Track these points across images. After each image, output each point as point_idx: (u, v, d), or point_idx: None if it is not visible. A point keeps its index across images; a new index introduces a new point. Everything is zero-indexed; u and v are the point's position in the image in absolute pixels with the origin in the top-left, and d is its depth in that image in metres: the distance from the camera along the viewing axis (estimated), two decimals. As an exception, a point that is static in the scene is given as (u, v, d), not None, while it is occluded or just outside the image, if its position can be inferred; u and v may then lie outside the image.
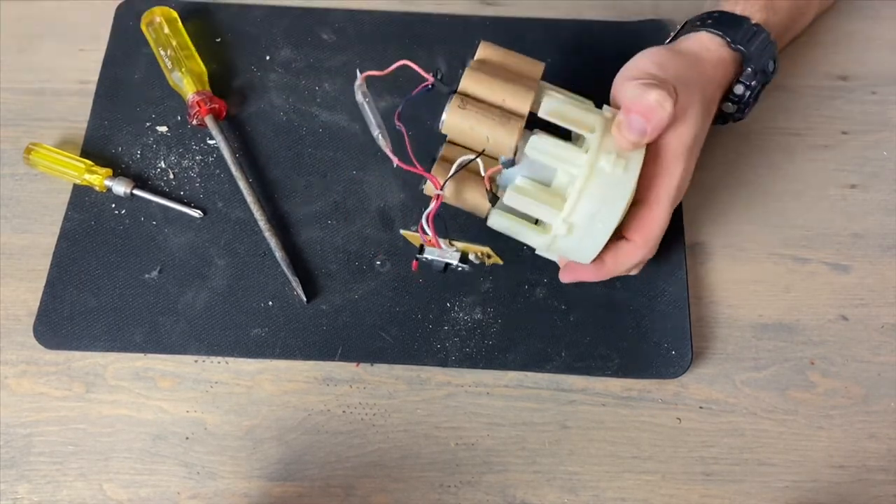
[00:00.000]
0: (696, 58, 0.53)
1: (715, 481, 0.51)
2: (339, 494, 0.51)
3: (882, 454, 0.52)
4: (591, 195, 0.46)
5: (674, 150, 0.49)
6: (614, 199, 0.47)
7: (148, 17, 0.64)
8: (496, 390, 0.54)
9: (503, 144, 0.47)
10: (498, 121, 0.47)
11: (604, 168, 0.46)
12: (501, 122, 0.47)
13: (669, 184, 0.49)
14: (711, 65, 0.53)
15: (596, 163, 0.46)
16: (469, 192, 0.49)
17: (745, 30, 0.53)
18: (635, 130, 0.46)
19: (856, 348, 0.55)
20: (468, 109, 0.47)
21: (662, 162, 0.49)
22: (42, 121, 0.62)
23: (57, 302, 0.55)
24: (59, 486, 0.50)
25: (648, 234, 0.50)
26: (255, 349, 0.54)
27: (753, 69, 0.54)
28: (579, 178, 0.46)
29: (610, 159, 0.46)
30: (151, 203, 0.58)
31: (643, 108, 0.46)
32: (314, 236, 0.57)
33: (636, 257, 0.51)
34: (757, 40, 0.53)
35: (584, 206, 0.47)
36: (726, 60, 0.53)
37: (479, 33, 0.65)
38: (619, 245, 0.51)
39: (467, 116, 0.47)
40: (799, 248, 0.58)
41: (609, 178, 0.46)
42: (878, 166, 0.61)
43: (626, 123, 0.46)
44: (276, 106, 0.62)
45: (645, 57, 0.52)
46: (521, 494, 0.51)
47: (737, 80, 0.54)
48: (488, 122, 0.47)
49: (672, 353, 0.54)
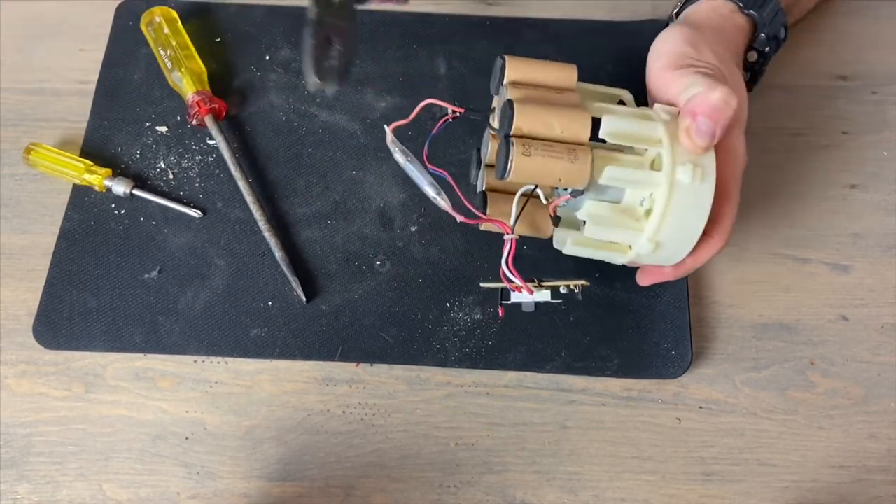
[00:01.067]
0: (718, 28, 0.51)
1: (715, 481, 0.51)
2: (338, 494, 0.51)
3: (882, 454, 0.52)
4: (676, 211, 0.45)
5: (734, 138, 0.47)
6: (697, 209, 0.45)
7: (148, 17, 0.64)
8: (496, 390, 0.54)
9: (576, 180, 0.45)
10: (567, 158, 0.44)
11: (683, 181, 0.44)
12: (570, 158, 0.44)
13: (735, 171, 0.48)
14: (732, 32, 0.52)
15: (674, 177, 0.44)
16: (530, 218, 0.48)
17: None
18: (705, 135, 0.44)
19: (856, 348, 0.55)
20: (534, 155, 0.44)
21: (725, 151, 0.47)
22: (42, 121, 0.62)
23: (57, 302, 0.55)
24: (58, 487, 0.50)
25: (724, 228, 0.48)
26: (254, 349, 0.54)
27: (766, 35, 0.52)
28: (660, 195, 0.45)
29: (688, 171, 0.44)
30: (151, 203, 0.58)
31: (710, 109, 0.44)
32: (314, 236, 0.57)
33: (715, 250, 0.49)
34: (768, 6, 0.52)
35: (670, 222, 0.45)
36: (742, 26, 0.52)
37: (479, 33, 0.66)
38: (698, 243, 0.48)
39: (534, 162, 0.44)
40: (799, 248, 0.58)
41: (690, 190, 0.45)
42: (878, 166, 0.61)
43: (695, 129, 0.44)
44: (275, 106, 0.62)
45: (673, 39, 0.50)
46: (521, 494, 0.51)
47: (750, 47, 0.53)
48: (557, 164, 0.44)
49: (672, 353, 0.54)
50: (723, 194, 0.48)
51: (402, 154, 0.48)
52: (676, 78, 0.47)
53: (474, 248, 0.57)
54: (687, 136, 0.45)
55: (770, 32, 0.53)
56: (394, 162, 0.60)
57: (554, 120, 0.45)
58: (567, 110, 0.45)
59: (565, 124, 0.45)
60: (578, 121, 0.45)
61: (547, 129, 0.45)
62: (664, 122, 0.46)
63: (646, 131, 0.46)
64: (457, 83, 0.63)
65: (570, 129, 0.45)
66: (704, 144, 0.45)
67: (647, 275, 0.52)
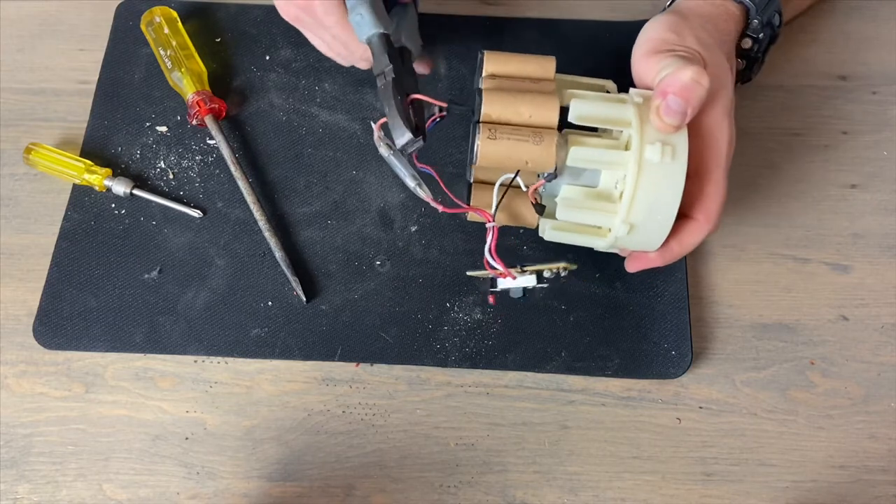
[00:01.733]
0: (706, 16, 0.51)
1: (715, 481, 0.51)
2: (338, 495, 0.51)
3: (882, 454, 0.52)
4: (646, 190, 0.45)
5: (715, 118, 0.47)
6: (669, 188, 0.45)
7: (148, 16, 0.64)
8: (496, 390, 0.53)
9: (543, 163, 0.46)
10: (532, 141, 0.45)
11: (652, 160, 0.45)
12: (535, 141, 0.45)
13: (718, 154, 0.48)
14: (722, 19, 0.51)
15: (642, 156, 0.45)
16: (515, 208, 0.48)
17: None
18: (676, 113, 0.44)
19: (856, 348, 0.55)
20: (499, 139, 0.45)
21: (706, 134, 0.47)
22: (42, 121, 0.62)
23: (57, 302, 0.55)
24: (58, 487, 0.50)
25: (710, 211, 0.48)
26: (254, 349, 0.54)
27: (760, 21, 0.52)
28: (629, 175, 0.45)
29: (656, 150, 0.44)
30: (151, 203, 0.58)
31: (679, 87, 0.44)
32: (314, 236, 0.57)
33: (701, 234, 0.49)
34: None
35: (641, 202, 0.45)
36: (733, 13, 0.52)
37: (479, 33, 0.66)
38: (683, 225, 0.49)
39: (500, 145, 0.45)
40: (799, 248, 0.58)
41: (659, 169, 0.45)
42: (878, 166, 0.61)
43: (664, 107, 0.44)
44: (275, 106, 0.62)
45: (657, 26, 0.50)
46: (521, 494, 0.51)
47: (744, 34, 0.53)
48: (523, 146, 0.45)
49: (672, 353, 0.54)
50: (704, 175, 0.48)
51: (387, 147, 0.48)
52: (654, 62, 0.47)
53: (474, 248, 0.57)
54: (657, 116, 0.45)
55: (764, 18, 0.52)
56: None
57: (523, 107, 0.46)
58: (537, 97, 0.46)
59: (534, 110, 0.46)
60: (546, 106, 0.46)
61: (516, 116, 0.46)
62: (636, 104, 0.47)
63: (615, 113, 0.46)
64: (457, 83, 0.63)
65: (538, 115, 0.46)
66: (675, 123, 0.45)
67: (634, 260, 0.52)
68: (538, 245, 0.56)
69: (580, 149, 0.46)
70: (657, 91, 0.45)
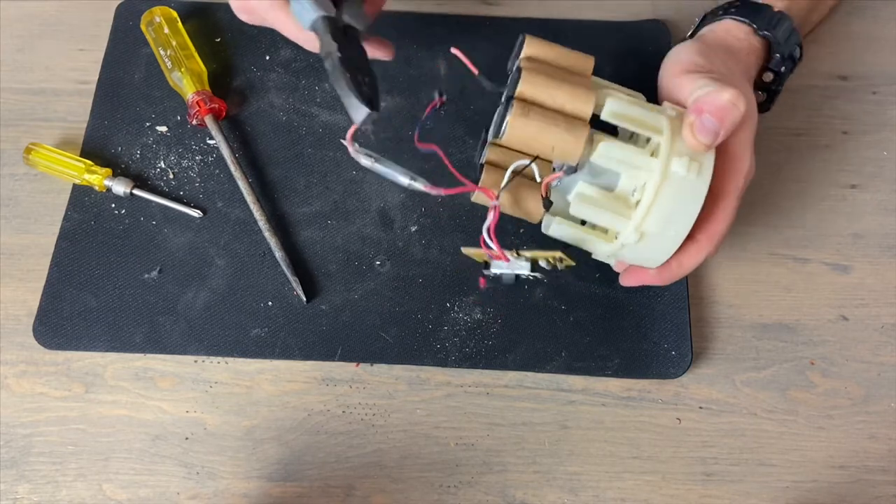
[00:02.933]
0: (730, 47, 0.51)
1: (715, 481, 0.51)
2: (338, 495, 0.51)
3: (882, 454, 0.52)
4: (665, 201, 0.44)
5: (740, 144, 0.47)
6: (688, 204, 0.45)
7: (148, 16, 0.64)
8: (496, 390, 0.53)
9: (569, 153, 0.45)
10: (564, 128, 0.44)
11: (677, 172, 0.44)
12: (567, 128, 0.44)
13: (737, 180, 0.47)
14: (745, 53, 0.52)
15: (669, 167, 0.44)
16: (522, 197, 0.47)
17: (770, 16, 0.53)
18: (709, 132, 0.44)
19: (856, 348, 0.55)
20: (531, 118, 0.44)
21: (730, 158, 0.47)
22: (42, 121, 0.62)
23: (57, 302, 0.55)
24: (58, 487, 0.50)
25: (714, 233, 0.48)
26: (254, 349, 0.54)
27: (782, 55, 0.53)
28: (651, 183, 0.44)
29: (683, 163, 0.44)
30: (151, 203, 0.58)
31: (716, 108, 0.44)
32: (314, 236, 0.57)
33: (701, 257, 0.49)
34: (782, 26, 0.53)
35: (658, 213, 0.44)
36: (755, 48, 0.53)
37: (479, 33, 0.66)
38: (686, 246, 0.48)
39: (530, 125, 0.44)
40: (799, 248, 0.58)
41: (683, 183, 0.44)
42: (878, 166, 0.61)
43: (698, 125, 0.44)
44: (275, 106, 0.62)
45: (685, 50, 0.50)
46: (521, 495, 0.51)
47: (765, 68, 0.54)
48: (553, 131, 0.44)
49: (672, 353, 0.54)
50: (719, 198, 0.47)
51: (368, 158, 0.47)
52: (687, 81, 0.47)
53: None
54: (690, 132, 0.45)
55: (785, 52, 0.53)
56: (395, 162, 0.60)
57: (559, 93, 0.45)
58: (574, 87, 0.45)
59: (569, 99, 0.45)
60: (583, 97, 0.45)
61: (551, 100, 0.45)
62: (669, 116, 0.46)
63: (649, 118, 0.45)
64: (457, 83, 0.63)
65: (573, 104, 0.45)
66: (707, 142, 0.44)
67: (631, 275, 0.52)
68: (538, 245, 0.56)
69: (610, 145, 0.45)
70: (692, 108, 0.45)
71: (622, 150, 0.45)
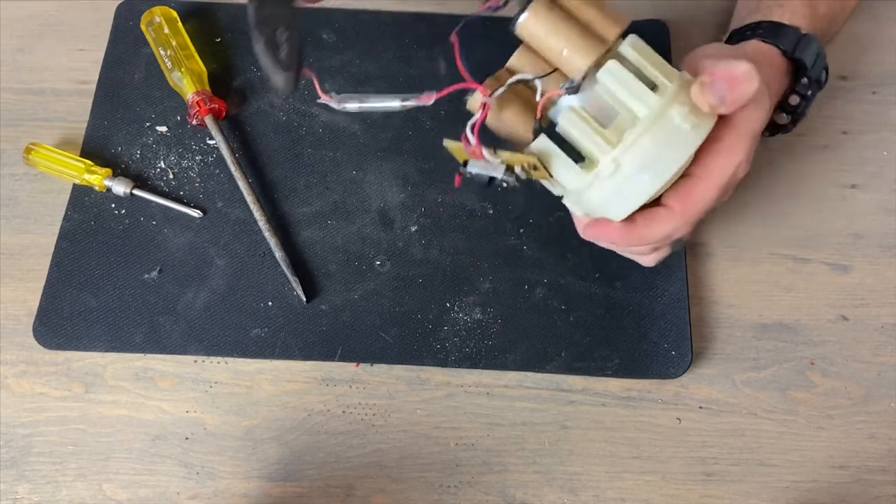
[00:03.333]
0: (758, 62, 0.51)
1: (715, 481, 0.51)
2: (338, 495, 0.51)
3: (882, 454, 0.52)
4: (652, 140, 0.43)
5: (741, 130, 0.47)
6: (673, 153, 0.44)
7: (148, 16, 0.64)
8: (496, 390, 0.53)
9: (577, 63, 0.43)
10: (580, 34, 0.43)
11: (673, 117, 0.43)
12: (583, 36, 0.43)
13: (727, 163, 0.47)
14: (772, 74, 0.52)
15: (666, 109, 0.43)
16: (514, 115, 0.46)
17: (797, 39, 0.53)
18: (717, 95, 0.44)
19: (856, 348, 0.55)
20: (553, 11, 0.42)
21: (726, 140, 0.46)
22: (42, 121, 0.62)
23: (57, 302, 0.55)
24: (58, 487, 0.50)
25: (689, 206, 0.46)
26: (254, 349, 0.54)
27: (809, 78, 0.53)
28: (644, 119, 0.43)
29: (682, 111, 0.43)
30: (151, 203, 0.58)
31: (730, 75, 0.44)
32: (314, 236, 0.57)
33: (670, 226, 0.47)
34: (810, 49, 0.53)
35: (640, 150, 0.43)
36: (782, 70, 0.53)
37: (479, 33, 0.65)
38: (658, 211, 0.47)
39: (552, 18, 0.42)
40: (799, 248, 0.58)
41: (675, 130, 0.43)
42: (878, 166, 0.61)
43: (709, 85, 0.44)
44: (275, 106, 0.62)
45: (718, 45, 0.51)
46: (521, 495, 0.51)
47: (791, 91, 0.54)
48: (571, 33, 0.43)
49: (672, 353, 0.54)
50: (703, 178, 0.46)
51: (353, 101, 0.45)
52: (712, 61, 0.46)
53: (474, 248, 0.57)
54: (699, 89, 0.44)
55: (813, 76, 0.53)
56: (395, 162, 0.60)
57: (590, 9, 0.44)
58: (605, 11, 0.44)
59: (598, 16, 0.44)
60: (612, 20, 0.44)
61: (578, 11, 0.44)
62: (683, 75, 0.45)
63: (664, 66, 0.45)
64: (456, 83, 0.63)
65: (601, 23, 0.44)
66: (712, 102, 0.44)
67: (594, 226, 0.49)
68: (538, 245, 0.57)
69: (618, 66, 0.43)
70: (706, 72, 0.45)
71: (628, 76, 0.44)
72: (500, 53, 0.50)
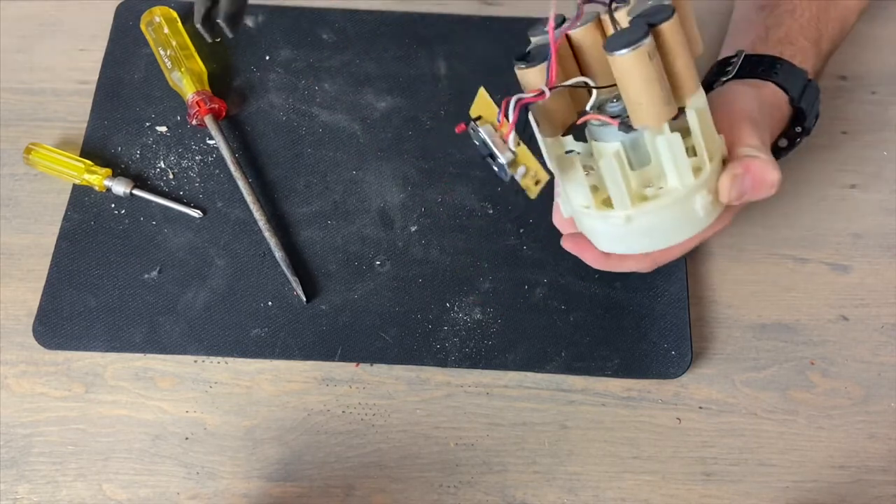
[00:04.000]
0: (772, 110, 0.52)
1: (715, 481, 0.51)
2: (338, 495, 0.51)
3: (882, 454, 0.52)
4: (669, 216, 0.44)
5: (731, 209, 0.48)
6: (679, 233, 0.45)
7: (147, 16, 0.64)
8: (496, 390, 0.54)
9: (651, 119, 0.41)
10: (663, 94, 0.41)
11: (695, 202, 0.44)
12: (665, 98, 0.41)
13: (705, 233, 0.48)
14: (775, 120, 0.53)
15: (694, 194, 0.44)
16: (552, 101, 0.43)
17: (804, 86, 0.53)
18: (740, 192, 0.45)
19: (856, 348, 0.55)
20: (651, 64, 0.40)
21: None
22: (42, 121, 0.62)
23: (56, 302, 0.55)
24: (58, 487, 0.50)
25: (659, 257, 0.49)
26: (254, 349, 0.54)
27: (803, 128, 0.54)
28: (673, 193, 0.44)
29: (705, 201, 0.44)
30: (151, 203, 0.58)
31: (759, 179, 0.45)
32: (314, 236, 0.57)
33: (638, 266, 0.50)
34: (812, 97, 0.54)
35: (656, 218, 0.44)
36: (786, 116, 0.54)
37: (479, 33, 0.66)
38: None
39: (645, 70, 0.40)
40: (799, 248, 0.58)
41: (691, 214, 0.44)
42: (878, 166, 0.61)
43: (739, 181, 0.45)
44: (275, 106, 0.62)
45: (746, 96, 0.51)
46: (521, 495, 0.51)
47: (782, 134, 0.55)
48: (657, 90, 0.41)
49: (672, 353, 0.54)
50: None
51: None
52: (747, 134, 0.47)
53: (474, 248, 0.57)
54: (728, 180, 0.45)
55: (807, 126, 0.54)
56: (394, 162, 0.60)
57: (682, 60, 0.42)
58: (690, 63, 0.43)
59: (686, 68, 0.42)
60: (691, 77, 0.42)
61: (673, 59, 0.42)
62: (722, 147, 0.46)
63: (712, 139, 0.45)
64: (456, 83, 0.63)
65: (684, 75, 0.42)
66: (733, 196, 0.45)
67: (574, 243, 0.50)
68: (538, 245, 0.57)
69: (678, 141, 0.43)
70: (743, 163, 0.45)
71: (681, 150, 0.43)
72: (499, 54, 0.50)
